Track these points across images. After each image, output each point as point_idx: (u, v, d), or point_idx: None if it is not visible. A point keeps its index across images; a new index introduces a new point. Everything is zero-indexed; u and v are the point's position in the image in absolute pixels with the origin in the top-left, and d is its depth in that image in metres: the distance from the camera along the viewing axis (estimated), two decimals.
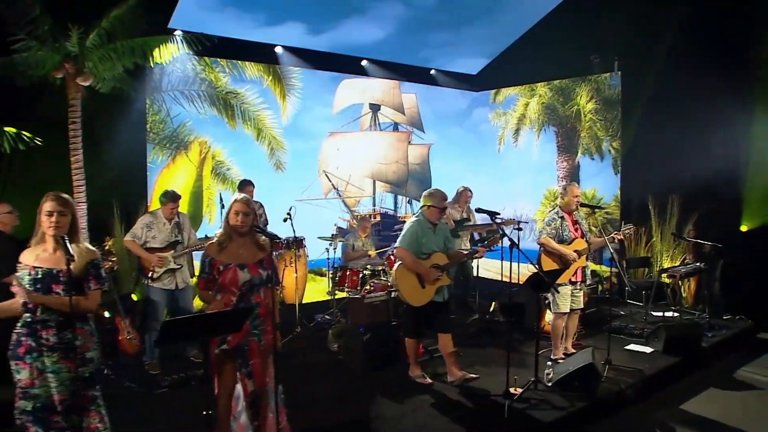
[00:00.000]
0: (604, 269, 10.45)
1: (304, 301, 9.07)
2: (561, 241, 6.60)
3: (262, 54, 9.80)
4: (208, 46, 7.33)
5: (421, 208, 6.05)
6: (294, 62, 10.09)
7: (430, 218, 5.91)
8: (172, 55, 7.33)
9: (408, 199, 11.76)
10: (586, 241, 6.72)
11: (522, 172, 11.94)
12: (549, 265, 6.56)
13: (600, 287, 9.99)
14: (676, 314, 8.73)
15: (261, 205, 8.66)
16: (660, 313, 8.56)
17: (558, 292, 6.42)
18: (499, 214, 5.93)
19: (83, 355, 3.75)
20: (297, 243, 8.40)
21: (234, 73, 9.64)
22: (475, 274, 9.24)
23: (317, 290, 9.65)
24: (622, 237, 6.96)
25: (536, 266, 5.76)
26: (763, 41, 8.74)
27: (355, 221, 10.69)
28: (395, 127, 11.95)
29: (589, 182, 10.77)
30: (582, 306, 6.89)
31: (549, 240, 6.58)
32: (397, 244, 5.98)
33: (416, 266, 5.81)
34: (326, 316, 8.38)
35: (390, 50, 10.68)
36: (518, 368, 6.15)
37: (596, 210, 6.98)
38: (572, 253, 6.51)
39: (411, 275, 5.83)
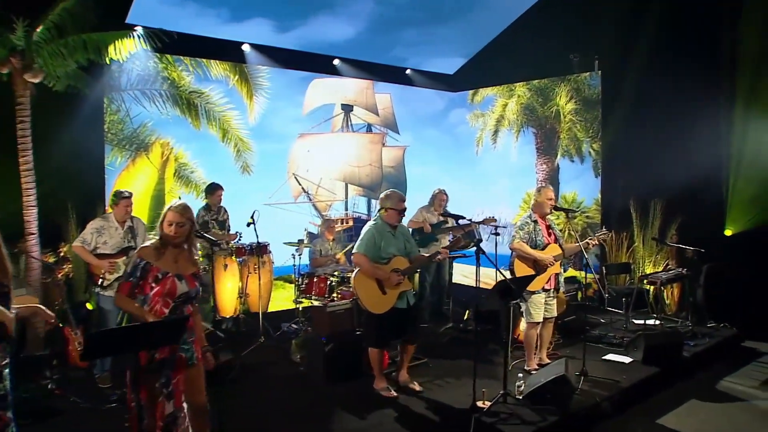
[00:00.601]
0: (584, 275, 10.26)
1: (270, 310, 8.85)
2: (534, 247, 6.40)
3: (227, 52, 9.54)
4: (167, 43, 7.06)
5: (378, 211, 5.90)
6: (261, 61, 9.83)
7: (388, 221, 5.76)
8: (129, 52, 7.07)
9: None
10: (560, 246, 6.51)
11: (500, 175, 11.74)
12: (523, 270, 6.36)
13: (580, 294, 9.82)
14: (658, 322, 8.54)
15: (225, 211, 8.44)
16: (641, 321, 8.37)
17: (526, 300, 6.26)
18: (464, 217, 5.73)
19: None
20: (260, 249, 8.14)
21: (198, 71, 9.36)
22: (453, 280, 9.06)
23: (286, 298, 9.37)
24: (597, 242, 6.75)
25: (501, 272, 5.53)
26: (741, 39, 8.64)
27: (334, 225, 10.43)
28: (369, 128, 11.71)
29: (569, 185, 10.61)
30: (556, 314, 6.68)
31: (522, 244, 6.38)
32: (354, 250, 5.80)
33: (375, 272, 5.66)
34: (293, 326, 8.11)
35: (361, 49, 10.47)
36: (491, 380, 5.95)
37: (570, 214, 6.74)
38: (549, 257, 6.33)
39: (370, 281, 5.68)
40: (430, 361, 6.87)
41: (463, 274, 10.62)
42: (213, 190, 8.27)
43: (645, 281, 8.27)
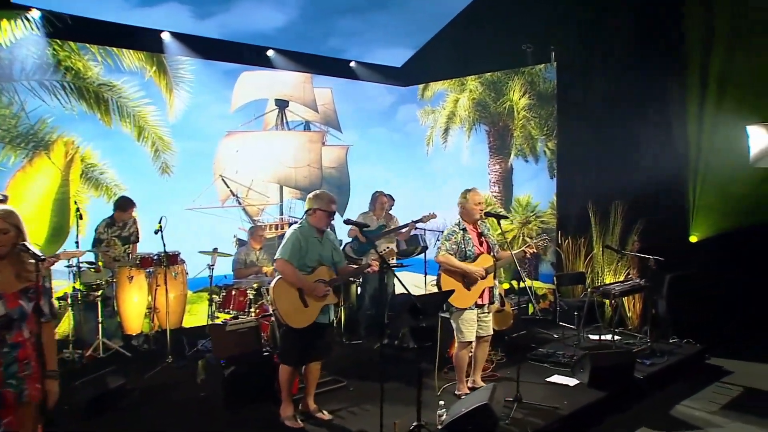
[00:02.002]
0: (539, 285, 9.75)
1: (189, 325, 8.33)
2: (464, 258, 5.89)
3: (143, 41, 8.90)
4: (64, 28, 6.42)
5: (305, 212, 5.36)
6: (183, 51, 9.20)
7: (315, 225, 5.28)
8: (16, 36, 6.41)
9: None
10: (494, 256, 5.98)
11: (451, 177, 11.20)
12: (450, 285, 5.82)
13: (531, 307, 9.29)
14: (616, 338, 7.95)
15: (134, 223, 7.93)
16: (597, 337, 7.86)
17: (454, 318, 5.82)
18: (368, 226, 5.17)
19: None
20: (169, 259, 7.52)
21: (108, 62, 8.69)
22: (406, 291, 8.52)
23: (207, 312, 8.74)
24: (533, 251, 6.21)
25: (406, 288, 4.94)
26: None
27: (262, 232, 9.84)
28: (307, 126, 11.13)
29: (523, 187, 10.11)
30: (491, 332, 6.13)
31: (448, 257, 5.87)
32: (276, 255, 5.27)
33: (299, 281, 5.18)
34: (208, 344, 7.47)
35: (293, 39, 9.87)
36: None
37: (501, 220, 6.19)
38: (479, 270, 5.80)
39: (291, 292, 5.18)
40: (351, 384, 6.33)
41: (415, 284, 10.01)
42: (125, 206, 7.75)
43: (596, 294, 7.70)
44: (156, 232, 7.16)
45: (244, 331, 6.44)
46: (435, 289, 6.15)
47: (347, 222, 5.43)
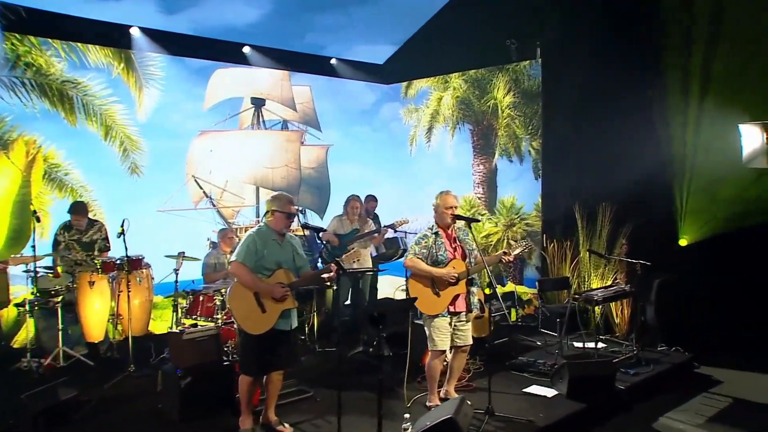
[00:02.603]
0: (524, 290, 9.50)
1: (157, 332, 8.14)
2: (435, 263, 5.68)
3: (110, 36, 8.65)
4: (15, 20, 6.16)
5: (264, 214, 5.26)
6: (153, 47, 8.94)
7: (275, 227, 5.18)
8: None
9: (301, 208, 10.60)
10: (468, 263, 5.77)
11: (435, 177, 10.95)
12: (418, 291, 5.65)
13: (515, 313, 9.07)
14: (601, 345, 7.77)
15: (99, 229, 7.74)
16: (581, 345, 7.63)
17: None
18: (324, 230, 4.96)
19: None
20: (132, 263, 7.27)
21: (72, 57, 8.44)
22: (391, 295, 8.44)
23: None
24: (510, 258, 5.94)
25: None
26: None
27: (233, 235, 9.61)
28: (284, 125, 10.89)
29: (508, 188, 9.87)
30: (470, 342, 5.88)
31: (417, 261, 5.68)
32: (231, 258, 5.19)
33: (254, 284, 5.05)
34: None
35: (268, 35, 9.64)
36: (387, 419, 5.05)
37: (472, 224, 5.95)
38: (449, 274, 5.57)
39: (248, 296, 5.05)
40: (319, 394, 6.11)
41: (402, 288, 9.78)
42: (78, 210, 7.54)
43: (578, 300, 7.43)
44: (119, 236, 6.94)
45: (203, 339, 6.19)
46: (403, 295, 5.93)
47: (305, 226, 5.34)
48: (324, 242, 8.14)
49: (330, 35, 10.28)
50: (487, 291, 9.27)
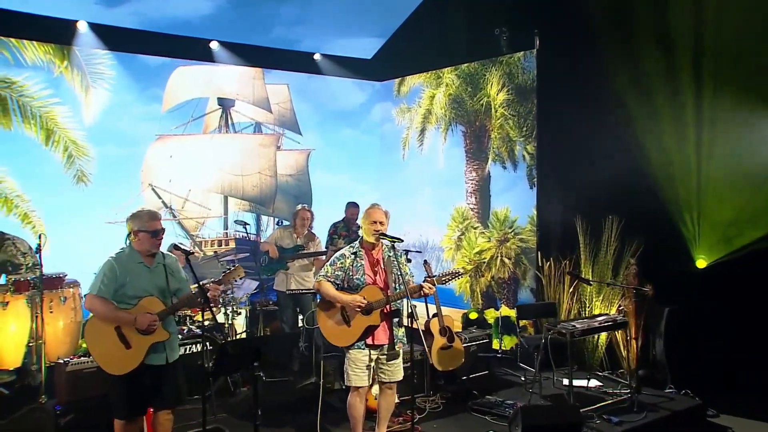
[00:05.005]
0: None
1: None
2: (353, 288, 5.16)
3: (50, 31, 8.25)
4: None
5: (126, 237, 4.77)
6: (98, 44, 8.52)
7: (140, 249, 4.72)
8: None
9: (277, 219, 10.03)
10: (388, 288, 5.15)
11: (426, 185, 10.22)
12: (325, 318, 5.17)
13: (497, 342, 8.20)
14: (594, 383, 7.03)
15: (26, 250, 7.24)
16: (569, 382, 6.68)
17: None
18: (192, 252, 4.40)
19: None
20: (49, 282, 6.89)
21: (5, 54, 8.05)
22: None
23: None
24: (428, 292, 5.20)
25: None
26: None
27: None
28: (257, 128, 10.30)
29: (501, 198, 8.97)
30: (398, 378, 5.29)
31: (324, 285, 5.15)
32: (87, 291, 4.67)
33: (114, 317, 4.58)
34: None
35: (226, 29, 9.06)
36: None
37: (395, 243, 5.24)
38: (354, 300, 5.02)
39: (107, 331, 4.55)
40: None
41: None
42: None
43: (551, 331, 6.49)
44: (37, 251, 6.61)
45: (88, 372, 5.79)
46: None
47: (175, 247, 4.74)
48: (263, 252, 7.82)
49: (300, 28, 9.64)
50: (473, 315, 8.50)
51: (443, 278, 5.33)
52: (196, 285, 4.71)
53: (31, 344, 7.06)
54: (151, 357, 4.62)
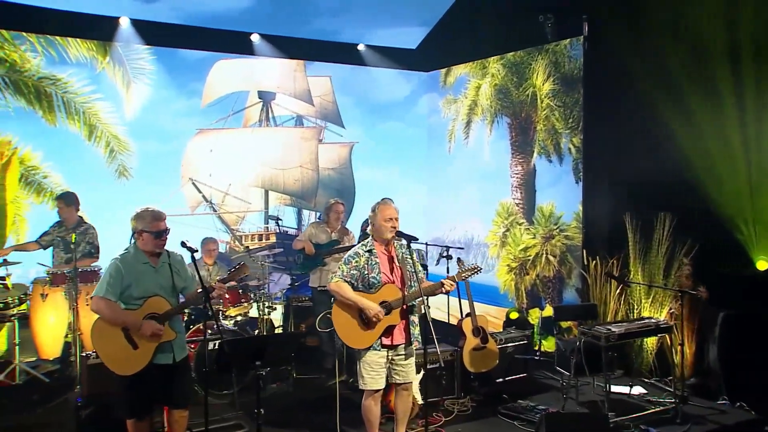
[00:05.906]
0: None
1: None
2: (368, 287, 5.07)
3: (93, 28, 8.46)
4: None
5: (131, 237, 4.82)
6: (139, 39, 8.70)
7: (144, 248, 4.75)
8: None
9: (318, 214, 9.98)
10: (410, 287, 5.10)
11: (471, 181, 10.01)
12: (342, 321, 5.06)
13: (538, 342, 7.98)
14: (639, 391, 6.77)
15: (86, 230, 7.43)
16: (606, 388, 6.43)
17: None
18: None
19: None
20: (84, 275, 7.06)
21: (50, 52, 8.29)
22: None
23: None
24: (447, 289, 5.09)
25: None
26: None
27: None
28: (299, 121, 10.28)
29: (546, 193, 8.71)
30: (411, 379, 5.26)
31: (341, 286, 5.06)
32: (93, 293, 4.77)
33: (121, 319, 4.64)
34: None
35: (267, 22, 9.08)
36: None
37: (411, 243, 5.12)
38: (373, 306, 4.93)
39: (115, 332, 4.61)
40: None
41: (437, 307, 8.94)
42: (60, 198, 7.40)
43: (586, 335, 6.24)
44: (72, 246, 6.89)
45: None
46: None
47: (182, 245, 4.77)
48: (298, 249, 7.72)
49: (341, 18, 9.56)
50: (514, 315, 8.28)
51: (462, 274, 5.20)
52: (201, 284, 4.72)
53: (68, 336, 7.36)
54: (158, 356, 4.68)
